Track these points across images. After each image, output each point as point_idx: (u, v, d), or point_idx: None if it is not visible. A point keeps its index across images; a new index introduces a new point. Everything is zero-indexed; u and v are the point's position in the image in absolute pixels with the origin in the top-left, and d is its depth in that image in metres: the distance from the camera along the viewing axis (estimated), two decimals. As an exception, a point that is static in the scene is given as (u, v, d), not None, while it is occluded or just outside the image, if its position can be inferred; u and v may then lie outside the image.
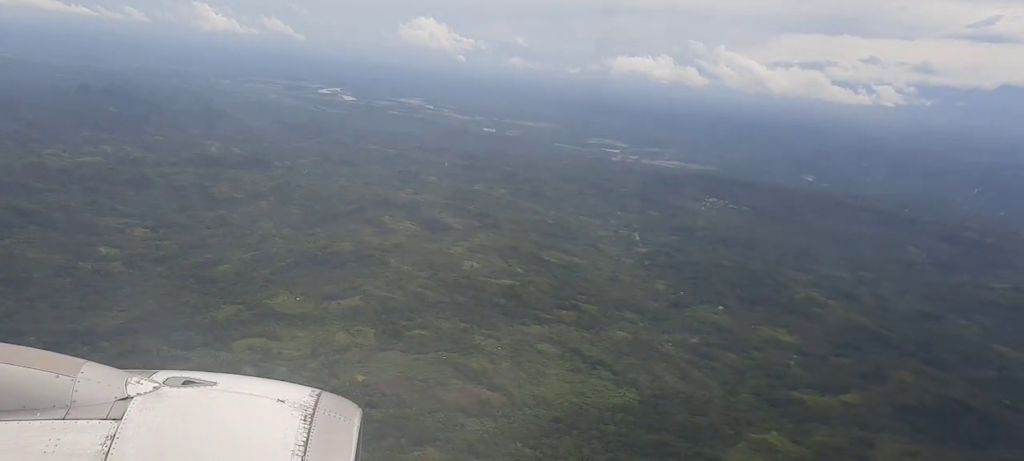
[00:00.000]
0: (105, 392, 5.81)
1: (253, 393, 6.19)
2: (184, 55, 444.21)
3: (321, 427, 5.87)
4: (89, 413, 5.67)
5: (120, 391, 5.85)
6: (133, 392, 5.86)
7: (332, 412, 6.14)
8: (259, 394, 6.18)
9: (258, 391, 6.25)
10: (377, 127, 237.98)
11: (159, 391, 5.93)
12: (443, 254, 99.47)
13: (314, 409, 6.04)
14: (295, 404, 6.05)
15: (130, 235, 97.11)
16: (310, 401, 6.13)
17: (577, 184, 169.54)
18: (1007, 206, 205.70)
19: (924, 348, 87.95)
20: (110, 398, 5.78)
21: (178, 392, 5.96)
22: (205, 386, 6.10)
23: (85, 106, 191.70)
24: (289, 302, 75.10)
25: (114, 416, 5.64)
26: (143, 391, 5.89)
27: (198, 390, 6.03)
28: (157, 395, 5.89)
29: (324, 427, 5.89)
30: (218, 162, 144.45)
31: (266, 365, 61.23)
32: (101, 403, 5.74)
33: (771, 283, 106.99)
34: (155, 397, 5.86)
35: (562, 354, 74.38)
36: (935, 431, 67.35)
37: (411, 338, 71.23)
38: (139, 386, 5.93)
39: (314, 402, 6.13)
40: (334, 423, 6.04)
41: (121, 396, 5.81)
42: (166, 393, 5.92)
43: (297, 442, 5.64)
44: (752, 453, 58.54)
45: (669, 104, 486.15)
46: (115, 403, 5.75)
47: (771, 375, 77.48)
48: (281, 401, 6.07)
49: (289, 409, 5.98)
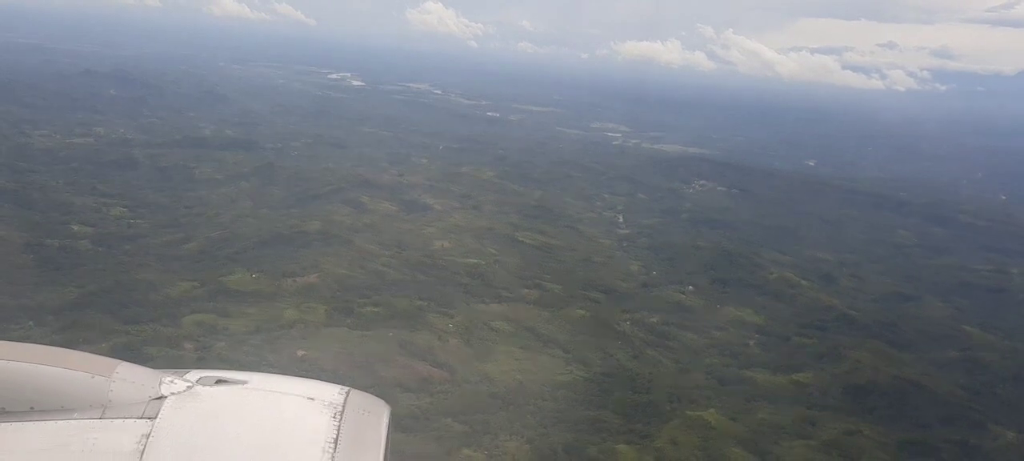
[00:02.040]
0: (140, 392, 5.95)
1: (283, 391, 6.32)
2: (197, 40, 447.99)
3: (350, 424, 5.98)
4: (125, 412, 5.79)
5: (154, 391, 5.99)
6: (167, 391, 6.00)
7: (361, 409, 6.25)
8: (289, 392, 6.30)
9: (288, 389, 6.37)
10: (379, 111, 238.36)
11: (192, 390, 6.07)
12: (415, 234, 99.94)
13: (343, 406, 6.14)
14: (325, 402, 6.16)
15: (105, 214, 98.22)
16: (339, 398, 6.24)
17: (569, 167, 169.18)
18: (1009, 189, 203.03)
19: (891, 329, 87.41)
20: (145, 398, 5.92)
21: (210, 391, 6.11)
22: (237, 385, 6.24)
23: (86, 89, 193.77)
24: (245, 279, 75.84)
25: (149, 415, 5.77)
26: (177, 390, 6.03)
27: (230, 389, 6.18)
28: (190, 394, 6.02)
29: (353, 424, 6.01)
30: (207, 144, 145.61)
31: (207, 340, 62.14)
32: (136, 403, 5.87)
33: (746, 264, 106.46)
34: (188, 396, 6.00)
35: (516, 332, 74.64)
36: (883, 410, 67.14)
37: (362, 315, 71.77)
38: (173, 385, 6.07)
39: (343, 399, 6.24)
40: (363, 420, 6.15)
41: (155, 395, 5.95)
42: (199, 392, 6.06)
43: (327, 439, 5.76)
44: (685, 429, 58.56)
45: (678, 89, 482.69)
46: (149, 402, 5.89)
47: (727, 354, 77.43)
48: (311, 399, 6.18)
49: (319, 407, 6.09)
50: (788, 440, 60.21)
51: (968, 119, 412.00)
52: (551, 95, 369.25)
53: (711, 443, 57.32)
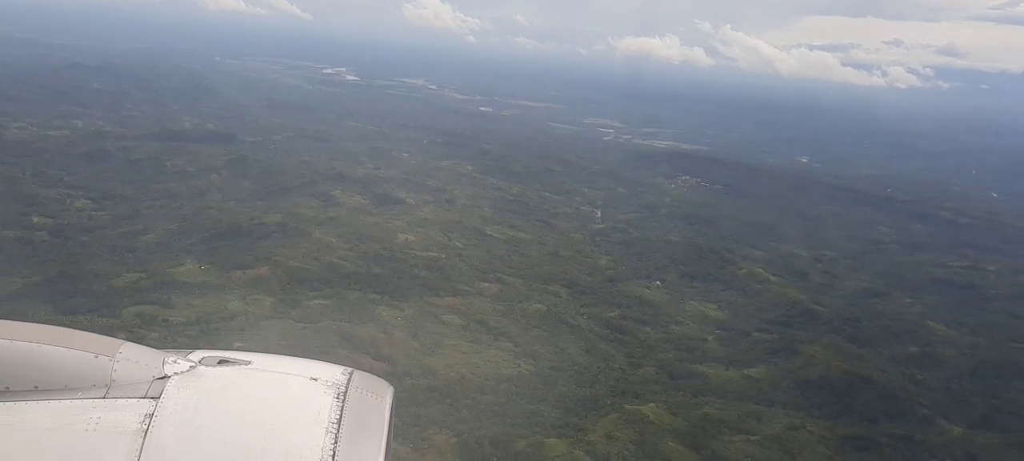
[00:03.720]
0: (143, 372, 5.89)
1: (286, 371, 6.25)
2: (193, 35, 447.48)
3: (354, 404, 5.92)
4: (128, 392, 5.77)
5: (158, 370, 5.92)
6: (170, 371, 5.93)
7: (364, 390, 6.17)
8: (292, 372, 6.23)
9: (291, 369, 6.28)
10: (368, 105, 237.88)
11: (195, 370, 6.00)
12: (380, 227, 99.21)
13: (347, 387, 6.08)
14: (328, 382, 6.09)
15: (69, 206, 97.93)
16: (343, 379, 6.17)
17: (552, 161, 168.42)
18: (1002, 187, 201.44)
19: (853, 325, 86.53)
20: (148, 377, 5.86)
21: (214, 371, 6.04)
22: (240, 365, 6.19)
23: (72, 83, 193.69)
24: (193, 271, 75.29)
25: (152, 395, 5.73)
26: (180, 370, 5.97)
27: (233, 369, 6.13)
28: (193, 374, 5.96)
29: (356, 404, 5.94)
30: (184, 137, 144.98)
31: (142, 331, 61.51)
32: (140, 382, 5.82)
33: (717, 259, 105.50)
34: (192, 376, 5.93)
35: (467, 325, 73.89)
36: (832, 406, 66.37)
37: (309, 308, 71.16)
38: (176, 366, 6.01)
39: (347, 380, 6.17)
40: (366, 400, 6.08)
41: (159, 375, 5.88)
42: (202, 372, 5.99)
43: (331, 419, 5.70)
44: (622, 424, 57.73)
45: (676, 85, 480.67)
46: (153, 382, 5.83)
47: (682, 349, 76.54)
48: (314, 379, 6.11)
49: (322, 387, 6.02)
50: (728, 435, 59.35)
51: (969, 117, 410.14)
52: (547, 90, 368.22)
53: (647, 437, 56.51)
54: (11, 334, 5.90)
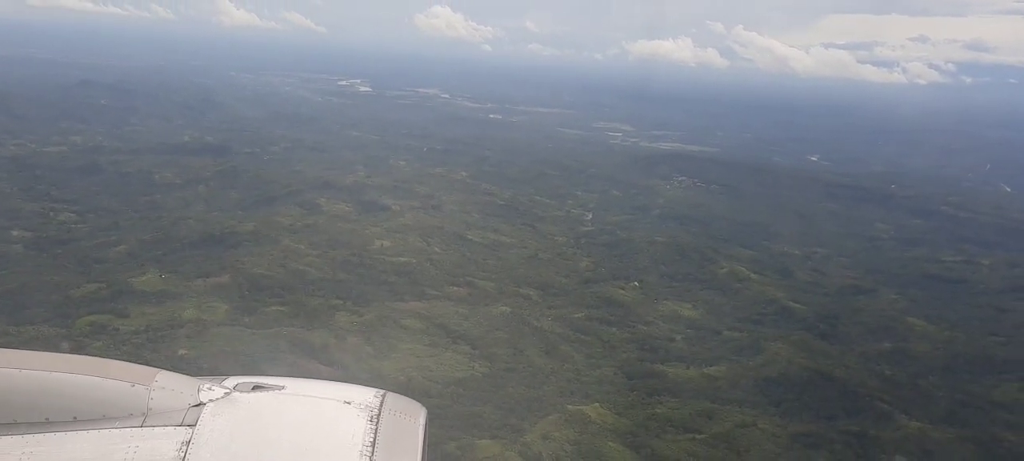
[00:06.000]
0: (179, 399, 6.01)
1: (320, 395, 6.37)
2: (210, 51, 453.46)
3: (387, 427, 6.03)
4: (165, 420, 5.88)
5: (193, 398, 6.05)
6: (205, 398, 6.06)
7: (397, 412, 6.28)
8: (326, 396, 6.35)
9: (325, 394, 6.41)
10: (376, 115, 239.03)
11: (230, 396, 6.13)
12: (357, 234, 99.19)
13: (380, 409, 6.20)
14: (361, 405, 6.22)
15: (51, 219, 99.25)
16: (376, 401, 6.28)
17: (549, 166, 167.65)
18: (1016, 182, 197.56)
19: (828, 321, 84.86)
20: (184, 405, 5.98)
21: (248, 397, 6.16)
22: (274, 390, 6.31)
23: (79, 100, 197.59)
24: (153, 280, 75.67)
25: (188, 422, 5.85)
26: (215, 397, 6.10)
27: (267, 394, 6.24)
28: (228, 400, 6.09)
29: (390, 427, 6.05)
30: (181, 150, 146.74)
31: (87, 341, 61.91)
32: (176, 410, 5.94)
33: (699, 259, 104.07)
34: (227, 402, 6.07)
35: (426, 329, 73.39)
36: (790, 403, 64.94)
37: (265, 314, 71.16)
38: (211, 392, 6.14)
39: (380, 402, 6.28)
40: (400, 422, 6.19)
41: (194, 403, 6.01)
42: (237, 398, 6.12)
43: (365, 443, 5.83)
44: (562, 424, 56.83)
45: (690, 87, 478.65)
46: (189, 409, 5.96)
47: (646, 349, 75.42)
48: (347, 403, 6.24)
49: (355, 410, 6.16)
50: (674, 434, 58.30)
51: (992, 112, 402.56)
52: (560, 97, 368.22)
53: (585, 438, 55.60)
54: (47, 365, 5.96)
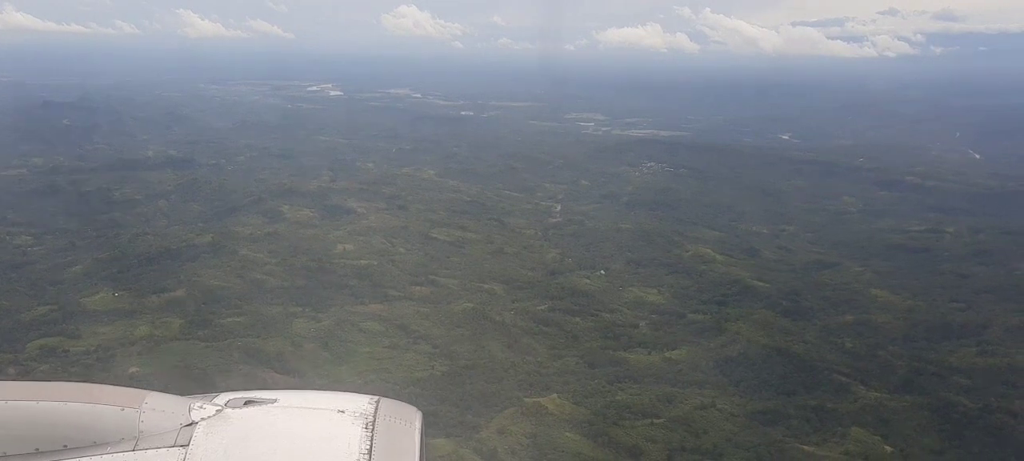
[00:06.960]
0: (170, 420, 5.91)
1: (313, 406, 6.26)
2: (180, 64, 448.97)
3: (383, 433, 5.96)
4: (157, 442, 5.78)
5: (185, 417, 5.94)
6: (197, 417, 5.96)
7: (392, 417, 6.24)
8: (319, 407, 6.25)
9: (318, 404, 6.31)
10: (345, 119, 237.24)
11: (222, 413, 6.03)
12: (318, 239, 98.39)
13: (375, 416, 6.13)
14: (355, 413, 6.14)
15: (7, 244, 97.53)
16: (370, 408, 6.22)
17: (518, 160, 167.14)
18: (983, 147, 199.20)
19: (791, 298, 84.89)
20: (176, 425, 5.88)
21: (241, 413, 6.06)
22: (266, 404, 6.20)
23: (40, 121, 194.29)
24: (107, 299, 74.54)
25: (181, 443, 5.76)
26: (207, 415, 6.00)
27: (260, 409, 6.14)
28: (221, 417, 5.99)
29: (386, 433, 5.98)
30: (142, 165, 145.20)
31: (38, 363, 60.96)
32: (168, 431, 5.84)
33: (665, 243, 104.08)
34: (219, 420, 5.97)
35: (386, 331, 72.90)
36: (749, 382, 64.98)
37: (220, 326, 70.26)
38: (202, 411, 6.03)
39: (374, 409, 6.22)
40: (395, 427, 6.13)
41: (186, 422, 5.91)
42: (229, 415, 6.02)
43: (362, 450, 5.75)
44: (519, 417, 56.43)
45: (663, 74, 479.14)
46: (181, 430, 5.86)
47: (609, 337, 75.10)
48: (341, 411, 6.15)
49: (350, 418, 6.07)
50: (632, 420, 57.96)
51: (961, 81, 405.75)
52: (532, 90, 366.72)
53: (542, 430, 55.17)
54: (34, 395, 5.88)
